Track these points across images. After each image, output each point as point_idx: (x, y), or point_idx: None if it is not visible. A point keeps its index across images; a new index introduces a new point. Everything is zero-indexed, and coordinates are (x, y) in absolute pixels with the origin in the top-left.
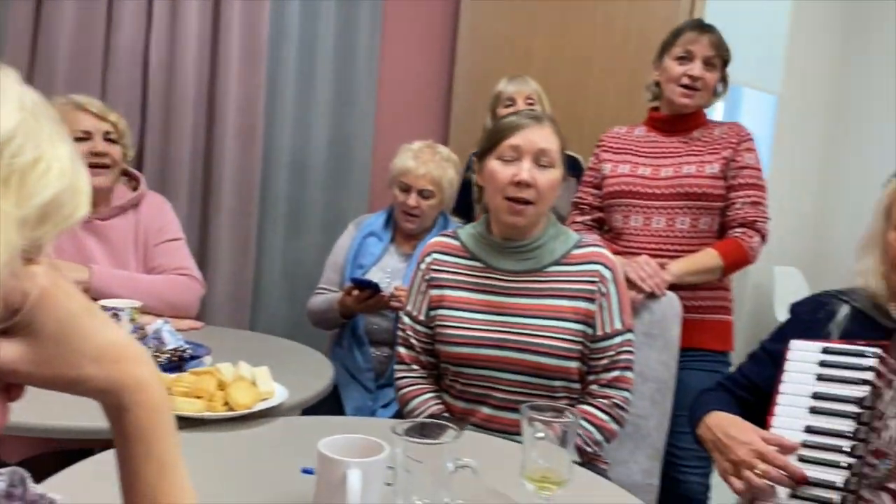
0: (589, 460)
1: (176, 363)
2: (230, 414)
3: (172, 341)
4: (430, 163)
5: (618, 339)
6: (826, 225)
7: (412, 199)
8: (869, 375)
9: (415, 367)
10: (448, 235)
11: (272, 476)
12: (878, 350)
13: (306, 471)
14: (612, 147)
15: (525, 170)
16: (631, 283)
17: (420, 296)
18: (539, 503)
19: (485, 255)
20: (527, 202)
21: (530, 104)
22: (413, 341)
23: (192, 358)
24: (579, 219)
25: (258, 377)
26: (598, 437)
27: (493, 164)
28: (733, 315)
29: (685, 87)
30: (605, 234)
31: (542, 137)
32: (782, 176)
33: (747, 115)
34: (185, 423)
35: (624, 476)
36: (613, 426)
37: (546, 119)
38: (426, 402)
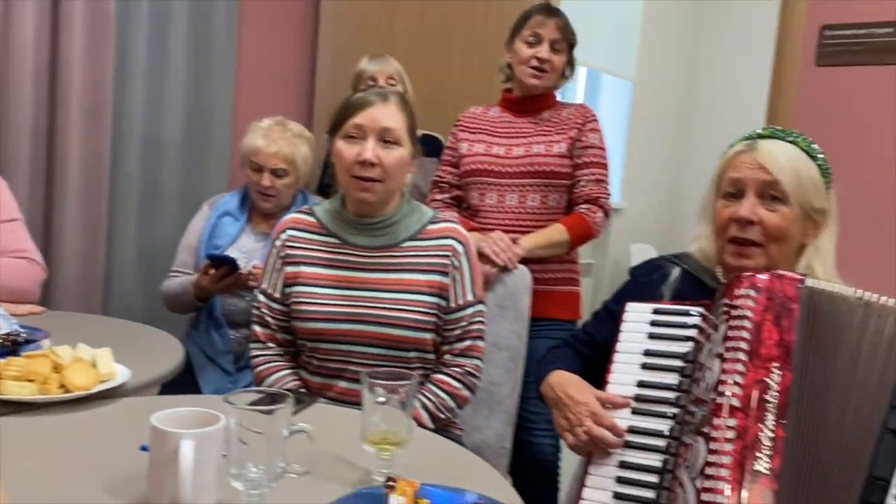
0: (443, 427)
1: (9, 348)
2: (65, 396)
3: (5, 326)
4: (280, 140)
5: (470, 311)
6: (678, 205)
7: (266, 179)
8: (693, 332)
9: (270, 344)
10: (303, 212)
11: (109, 455)
12: (701, 309)
13: (144, 448)
14: (468, 127)
15: (369, 149)
16: (485, 258)
17: (275, 273)
18: (379, 464)
19: (340, 231)
20: (374, 180)
21: (392, 84)
22: (268, 319)
23: (28, 342)
24: (439, 196)
25: (98, 359)
26: (451, 403)
27: (339, 143)
28: (581, 286)
29: (534, 68)
30: (463, 211)
31: (386, 116)
32: (638, 158)
33: (606, 99)
34: (17, 407)
35: (479, 441)
36: (465, 393)
37: (392, 97)
38: (282, 378)
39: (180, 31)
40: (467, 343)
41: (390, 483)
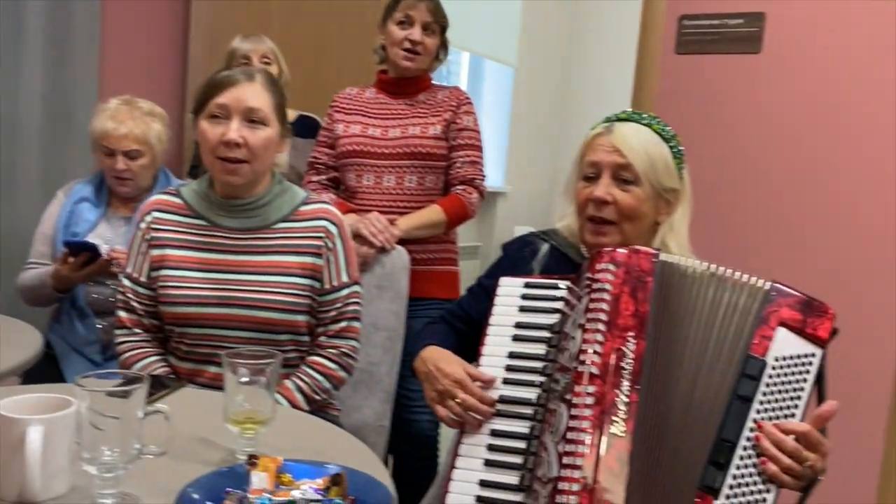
0: (320, 408)
1: None
2: None
3: None
4: (129, 121)
5: (345, 292)
6: (558, 188)
7: (119, 163)
8: (559, 305)
9: (137, 330)
10: (169, 193)
11: None
12: (567, 283)
13: None
14: (344, 108)
15: (233, 129)
16: (363, 239)
17: (140, 256)
18: (242, 443)
19: (209, 213)
20: (239, 161)
21: (266, 63)
22: (134, 304)
23: None
24: (315, 178)
25: None
26: (327, 384)
27: (203, 123)
28: (459, 266)
29: (407, 50)
30: (340, 193)
31: (251, 95)
32: (521, 143)
33: (489, 85)
34: None
35: (358, 420)
36: (341, 374)
37: (258, 75)
38: (149, 365)
39: (37, 7)
40: (343, 324)
41: (252, 460)
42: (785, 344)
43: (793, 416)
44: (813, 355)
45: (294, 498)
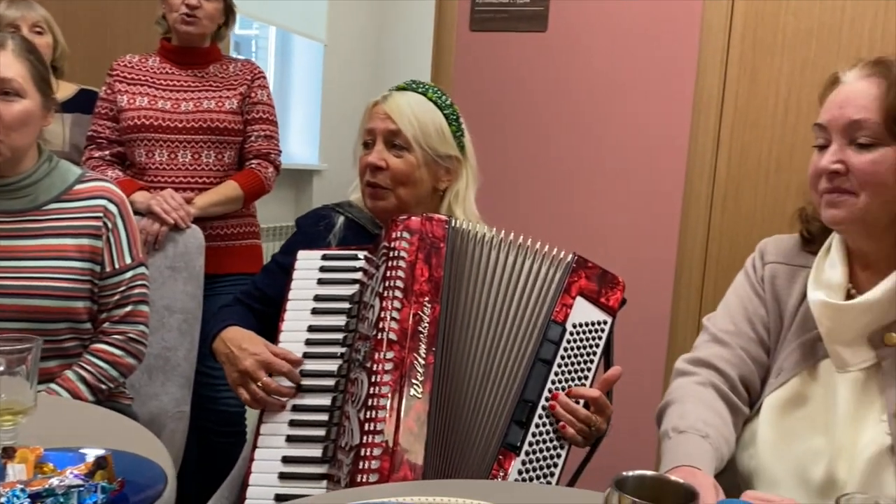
0: (108, 397)
1: None
2: None
3: None
4: None
5: (129, 274)
6: None
7: None
8: (358, 275)
9: None
10: None
11: None
12: (365, 252)
13: None
14: (126, 77)
15: None
16: (156, 217)
17: None
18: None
19: None
20: None
21: (38, 33)
22: None
23: None
24: (97, 154)
25: None
26: (113, 373)
27: None
28: (262, 240)
29: (185, 15)
30: (127, 170)
31: (2, 65)
32: (334, 121)
33: (299, 62)
34: None
35: (155, 408)
36: (130, 360)
37: (10, 42)
38: None
39: None
40: (128, 308)
41: (8, 452)
42: (582, 311)
43: (586, 377)
44: (605, 322)
45: (52, 486)
